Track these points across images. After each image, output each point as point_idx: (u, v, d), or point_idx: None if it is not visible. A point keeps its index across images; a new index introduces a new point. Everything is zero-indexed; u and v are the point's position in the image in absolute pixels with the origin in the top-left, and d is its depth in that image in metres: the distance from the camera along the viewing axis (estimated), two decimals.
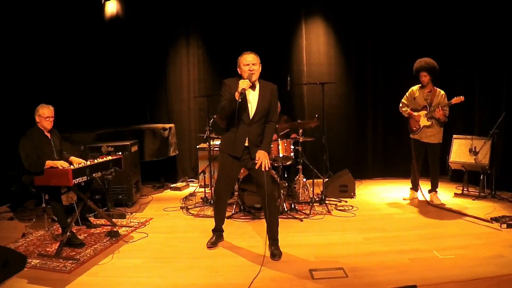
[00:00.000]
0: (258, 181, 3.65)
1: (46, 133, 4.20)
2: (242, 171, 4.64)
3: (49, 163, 3.88)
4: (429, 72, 5.06)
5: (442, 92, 5.13)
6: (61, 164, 3.92)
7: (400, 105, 5.39)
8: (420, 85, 5.23)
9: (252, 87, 3.57)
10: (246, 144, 3.62)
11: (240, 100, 3.38)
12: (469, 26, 6.23)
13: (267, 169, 3.59)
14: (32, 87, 5.85)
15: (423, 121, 5.16)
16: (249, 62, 3.52)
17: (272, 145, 4.94)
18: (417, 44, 6.42)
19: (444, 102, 5.04)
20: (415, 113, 5.21)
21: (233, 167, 3.73)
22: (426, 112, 5.14)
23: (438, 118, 5.04)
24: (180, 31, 6.94)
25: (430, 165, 5.30)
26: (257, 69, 3.57)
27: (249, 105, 3.58)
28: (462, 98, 4.85)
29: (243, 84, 3.38)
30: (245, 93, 3.47)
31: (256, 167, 3.57)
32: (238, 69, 3.62)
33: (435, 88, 5.16)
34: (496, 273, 3.19)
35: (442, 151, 5.37)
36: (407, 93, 5.36)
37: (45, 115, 4.13)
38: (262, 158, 3.58)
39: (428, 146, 5.22)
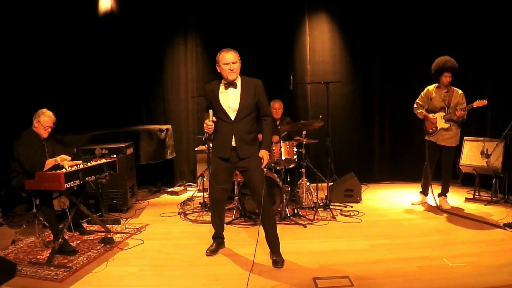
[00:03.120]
0: (250, 184, 3.71)
1: (41, 138, 4.23)
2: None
3: (50, 161, 3.97)
4: (453, 73, 5.00)
5: (460, 91, 5.07)
6: (62, 157, 4.04)
7: (415, 106, 5.33)
8: (436, 84, 5.18)
9: (233, 85, 3.62)
10: (233, 144, 3.64)
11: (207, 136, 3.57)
12: (480, 24, 6.25)
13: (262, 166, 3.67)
14: (22, 86, 5.85)
15: (441, 123, 5.11)
16: (229, 61, 3.54)
17: (274, 148, 4.96)
18: (426, 42, 6.45)
19: (462, 102, 5.00)
20: (431, 115, 5.16)
21: (225, 170, 3.76)
22: (444, 114, 5.09)
23: (457, 119, 5.01)
24: (178, 27, 6.97)
25: (444, 168, 5.29)
26: (237, 67, 3.58)
27: (231, 102, 3.61)
28: (485, 101, 4.80)
29: (207, 128, 3.59)
30: (226, 92, 3.61)
31: (262, 167, 3.64)
32: (217, 67, 3.63)
33: (452, 88, 5.10)
34: (509, 282, 3.19)
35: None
36: (422, 93, 5.29)
37: (45, 123, 4.17)
38: (266, 158, 3.66)
39: (443, 149, 5.20)
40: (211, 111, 3.62)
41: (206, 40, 6.96)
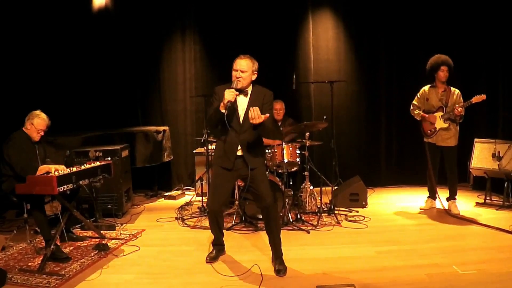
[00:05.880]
0: (257, 192, 3.67)
1: (32, 140, 4.24)
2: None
3: (43, 167, 3.93)
4: (449, 67, 5.08)
5: (457, 91, 5.15)
6: (56, 168, 3.97)
7: (411, 107, 5.42)
8: (430, 85, 5.26)
9: (244, 93, 3.60)
10: (240, 153, 3.63)
11: (225, 112, 3.38)
12: (492, 21, 6.26)
13: (256, 120, 3.35)
14: (12, 85, 5.86)
15: (440, 123, 5.16)
16: (238, 69, 3.53)
17: (276, 150, 4.96)
18: (435, 39, 6.44)
19: (460, 102, 5.05)
20: (429, 115, 5.22)
21: (227, 180, 3.74)
22: (442, 113, 5.15)
23: (455, 117, 5.03)
24: (175, 24, 6.98)
25: (447, 170, 5.30)
26: (245, 77, 3.54)
27: (239, 111, 3.60)
28: (483, 96, 4.86)
29: (228, 95, 3.38)
30: (235, 100, 3.50)
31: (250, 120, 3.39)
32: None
33: (449, 87, 5.17)
34: None
35: (462, 156, 5.36)
36: (418, 94, 5.39)
37: (39, 126, 4.18)
38: (253, 110, 3.34)
39: (444, 149, 5.24)
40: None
41: (205, 38, 6.97)
